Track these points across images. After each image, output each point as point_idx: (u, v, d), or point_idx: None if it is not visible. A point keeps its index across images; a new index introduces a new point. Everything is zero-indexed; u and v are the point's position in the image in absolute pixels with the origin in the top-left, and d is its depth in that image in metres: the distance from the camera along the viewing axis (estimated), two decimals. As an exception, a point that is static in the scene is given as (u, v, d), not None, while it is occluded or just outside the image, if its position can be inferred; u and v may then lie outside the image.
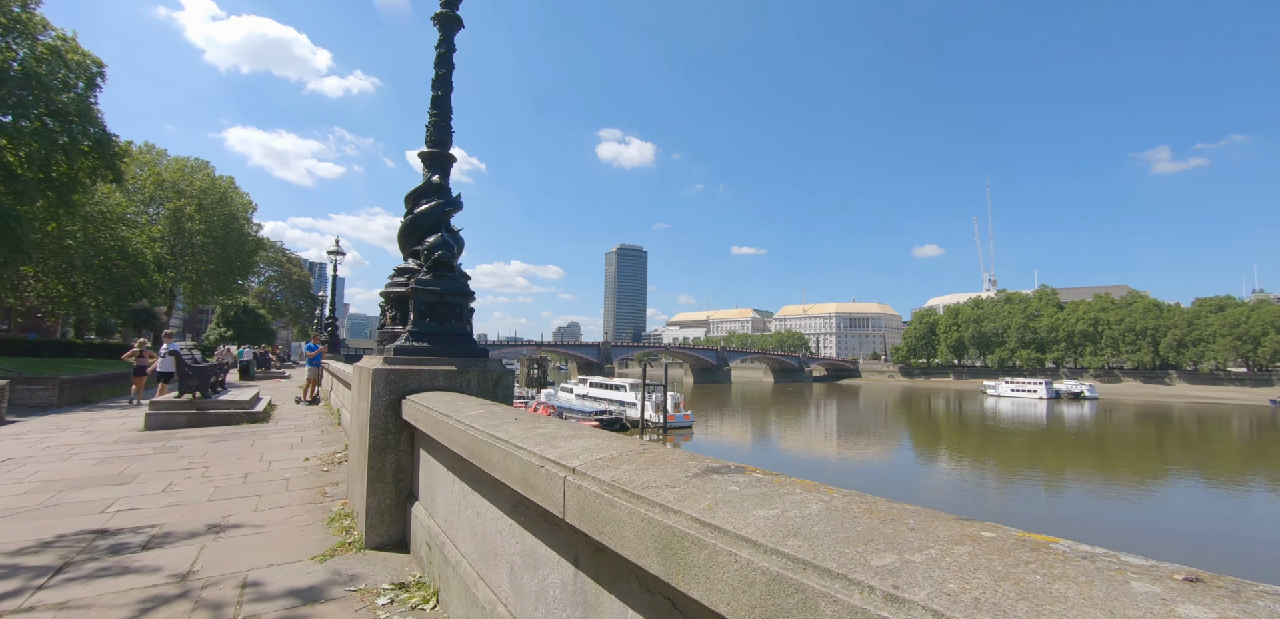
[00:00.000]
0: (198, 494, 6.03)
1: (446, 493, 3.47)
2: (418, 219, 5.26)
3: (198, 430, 10.55)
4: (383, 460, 4.30)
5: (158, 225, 52.66)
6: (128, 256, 41.74)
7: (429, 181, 5.40)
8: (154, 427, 10.87)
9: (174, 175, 55.44)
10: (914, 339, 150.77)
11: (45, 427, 11.63)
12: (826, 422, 64.34)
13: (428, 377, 4.48)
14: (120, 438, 10.01)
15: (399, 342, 4.70)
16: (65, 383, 16.93)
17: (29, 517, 5.22)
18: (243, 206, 60.28)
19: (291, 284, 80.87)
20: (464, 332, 5.02)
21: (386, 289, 5.26)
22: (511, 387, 4.92)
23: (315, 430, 10.64)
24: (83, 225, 38.44)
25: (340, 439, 9.67)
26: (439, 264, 4.97)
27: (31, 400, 16.01)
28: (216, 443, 9.28)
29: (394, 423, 4.34)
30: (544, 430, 2.33)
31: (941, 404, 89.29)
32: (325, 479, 6.72)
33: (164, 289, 52.63)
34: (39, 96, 26.45)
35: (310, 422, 11.97)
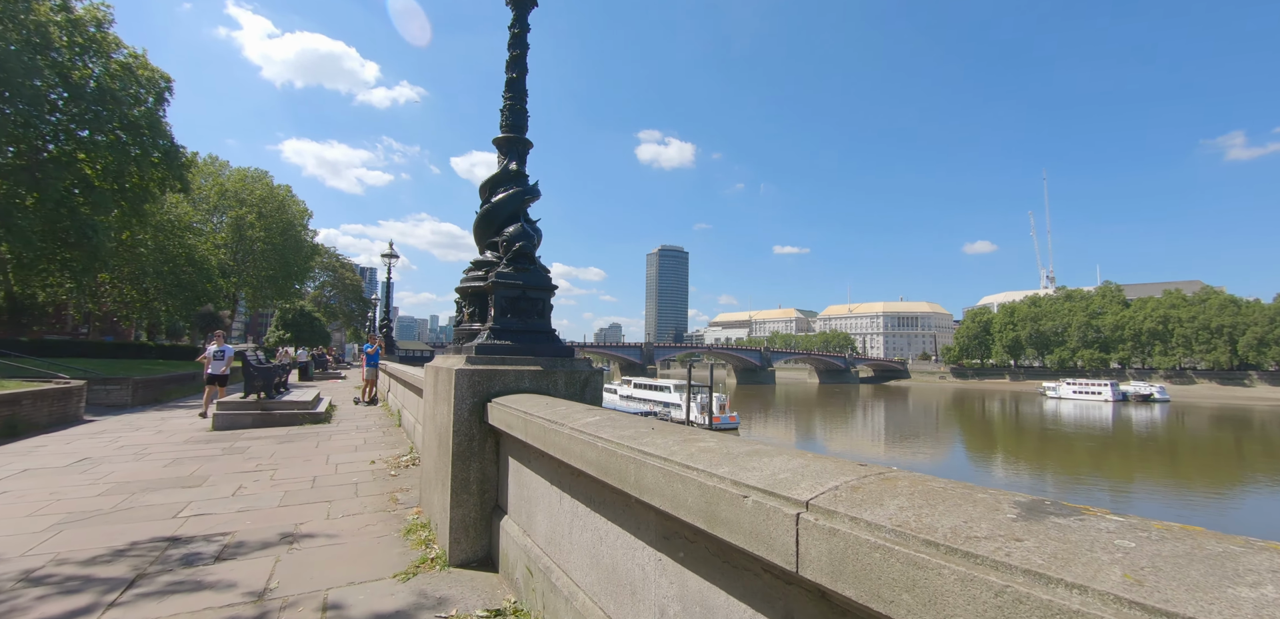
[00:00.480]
0: (268, 499, 5.81)
1: (549, 510, 3.04)
2: (495, 209, 4.88)
3: (264, 431, 10.54)
4: (467, 470, 3.91)
5: (221, 233, 54.92)
6: (194, 263, 43.55)
7: (505, 169, 5.01)
8: (222, 427, 10.93)
9: (236, 185, 57.75)
10: (966, 339, 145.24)
11: (119, 426, 11.87)
12: (874, 424, 62.37)
13: (512, 378, 4.08)
14: (190, 438, 10.07)
15: (480, 340, 4.31)
16: (138, 383, 17.47)
17: (103, 521, 5.06)
18: (299, 214, 62.33)
19: (344, 288, 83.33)
20: (547, 328, 4.61)
21: (464, 283, 4.89)
22: (600, 388, 4.48)
23: (377, 432, 10.50)
24: (153, 234, 40.25)
25: (403, 441, 9.47)
26: (519, 256, 4.57)
27: (107, 400, 16.56)
28: (282, 444, 9.19)
29: (478, 429, 3.95)
30: (705, 444, 1.85)
31: (997, 407, 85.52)
32: (394, 484, 6.44)
33: (227, 293, 54.75)
34: (112, 111, 27.65)
35: (371, 423, 11.88)
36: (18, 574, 3.86)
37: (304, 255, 62.42)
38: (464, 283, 4.89)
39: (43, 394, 11.95)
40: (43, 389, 12.02)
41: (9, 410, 10.75)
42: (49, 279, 30.97)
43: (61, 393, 12.76)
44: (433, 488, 4.53)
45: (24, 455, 8.50)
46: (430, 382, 4.82)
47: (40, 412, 11.86)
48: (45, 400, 12.04)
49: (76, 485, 6.44)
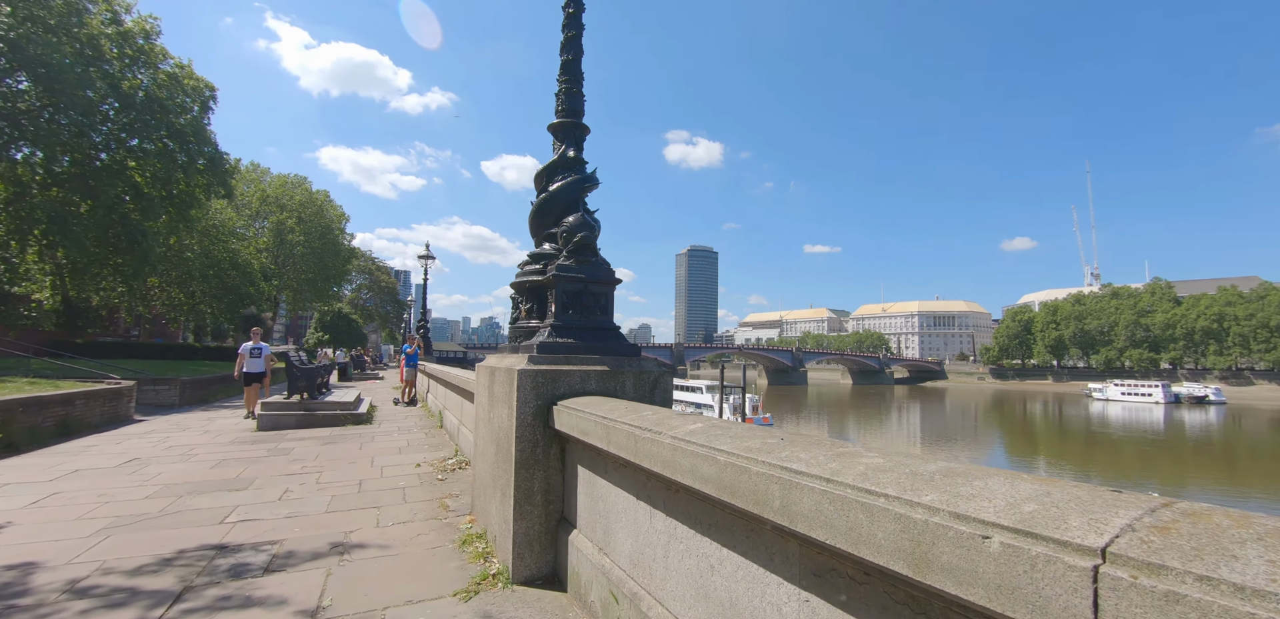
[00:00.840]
0: (315, 504, 5.61)
1: (635, 528, 2.69)
2: (552, 198, 4.57)
3: (307, 432, 10.47)
4: (531, 479, 3.59)
5: (263, 237, 56.37)
6: (238, 267, 44.72)
7: (563, 156, 4.70)
8: (266, 427, 10.91)
9: (276, 191, 59.24)
10: (1006, 338, 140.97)
11: (167, 426, 11.98)
12: (910, 425, 60.76)
13: (578, 379, 3.74)
14: (236, 438, 10.05)
15: (541, 338, 4.00)
16: (185, 384, 17.78)
17: (149, 526, 4.91)
18: (337, 218, 63.64)
19: (380, 290, 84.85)
20: (610, 325, 4.27)
21: (520, 278, 4.59)
22: (671, 391, 4.12)
23: (419, 434, 10.34)
24: (199, 239, 41.42)
25: (447, 443, 9.27)
26: (581, 248, 4.24)
27: (156, 400, 16.88)
28: (326, 445, 9.07)
29: (542, 434, 3.62)
30: (873, 461, 1.47)
31: (1039, 408, 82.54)
32: (442, 489, 6.19)
33: (269, 296, 56.08)
34: (160, 119, 28.40)
35: (412, 424, 11.75)
36: (63, 584, 3.68)
37: (341, 258, 63.70)
38: (520, 277, 4.59)
39: (95, 394, 12.14)
40: (95, 389, 12.20)
41: (63, 410, 10.90)
42: (102, 283, 32.01)
43: (112, 393, 12.96)
44: (489, 496, 4.23)
45: (76, 455, 8.54)
46: (484, 383, 4.53)
47: (92, 411, 12.04)
48: (97, 400, 12.23)
49: (124, 487, 6.36)
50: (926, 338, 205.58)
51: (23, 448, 9.24)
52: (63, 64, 23.09)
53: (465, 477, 6.75)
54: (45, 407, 10.34)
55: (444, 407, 11.07)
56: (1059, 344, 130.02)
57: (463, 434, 8.40)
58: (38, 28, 22.52)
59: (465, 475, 6.80)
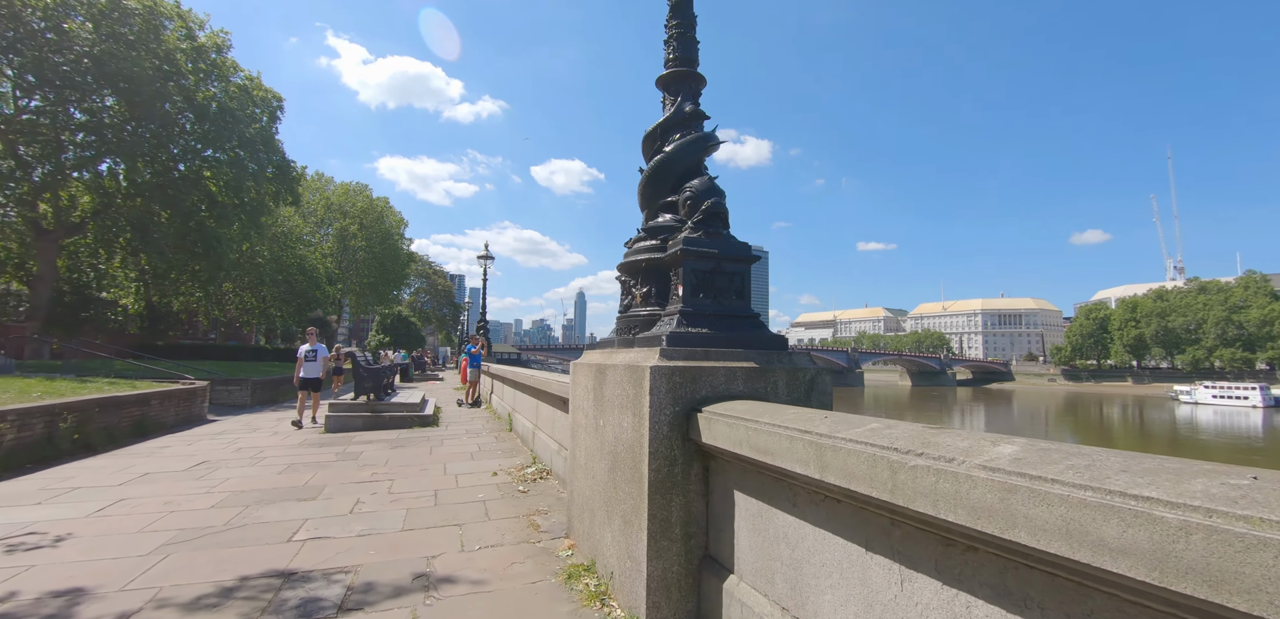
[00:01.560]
0: (390, 519, 5.00)
1: (859, 591, 1.85)
2: (669, 161, 3.77)
3: (374, 434, 10.07)
4: (667, 506, 2.80)
5: (327, 243, 58.23)
6: (305, 272, 46.18)
7: (678, 110, 3.89)
8: (333, 429, 10.59)
9: (339, 198, 61.19)
10: (1080, 337, 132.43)
11: (238, 427, 11.88)
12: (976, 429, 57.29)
13: (722, 378, 2.93)
14: (304, 440, 9.74)
15: (667, 327, 3.21)
16: (256, 384, 17.98)
17: (213, 543, 4.38)
18: (396, 223, 65.21)
19: (437, 293, 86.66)
20: (748, 311, 3.44)
21: (631, 256, 3.80)
22: (830, 393, 3.26)
23: (489, 438, 9.78)
24: (269, 245, 42.94)
25: (519, 448, 8.64)
26: (711, 217, 3.44)
27: (228, 400, 17.09)
28: (395, 449, 8.59)
29: (681, 449, 2.83)
30: None
31: (1117, 412, 76.68)
32: (527, 504, 5.49)
33: (334, 299, 57.87)
34: (231, 129, 29.31)
35: (479, 427, 11.24)
36: (113, 618, 3.13)
37: (401, 263, 65.23)
38: (631, 256, 3.80)
39: (170, 395, 12.15)
40: (170, 390, 12.23)
41: (139, 411, 10.88)
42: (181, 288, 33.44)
43: (187, 393, 13.00)
44: (598, 522, 3.47)
45: (148, 457, 8.32)
46: (587, 384, 3.78)
47: (168, 412, 12.04)
48: (172, 401, 12.24)
49: (191, 494, 5.94)
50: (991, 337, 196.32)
51: (99, 448, 9.13)
52: (143, 77, 23.97)
53: (549, 488, 6.05)
54: (122, 407, 10.29)
55: (514, 409, 10.49)
56: (1139, 343, 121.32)
57: (539, 439, 7.74)
58: (119, 44, 23.43)
59: (549, 487, 6.10)
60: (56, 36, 21.77)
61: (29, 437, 8.06)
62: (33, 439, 8.11)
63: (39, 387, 10.71)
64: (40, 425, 8.29)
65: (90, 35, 22.77)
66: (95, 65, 22.69)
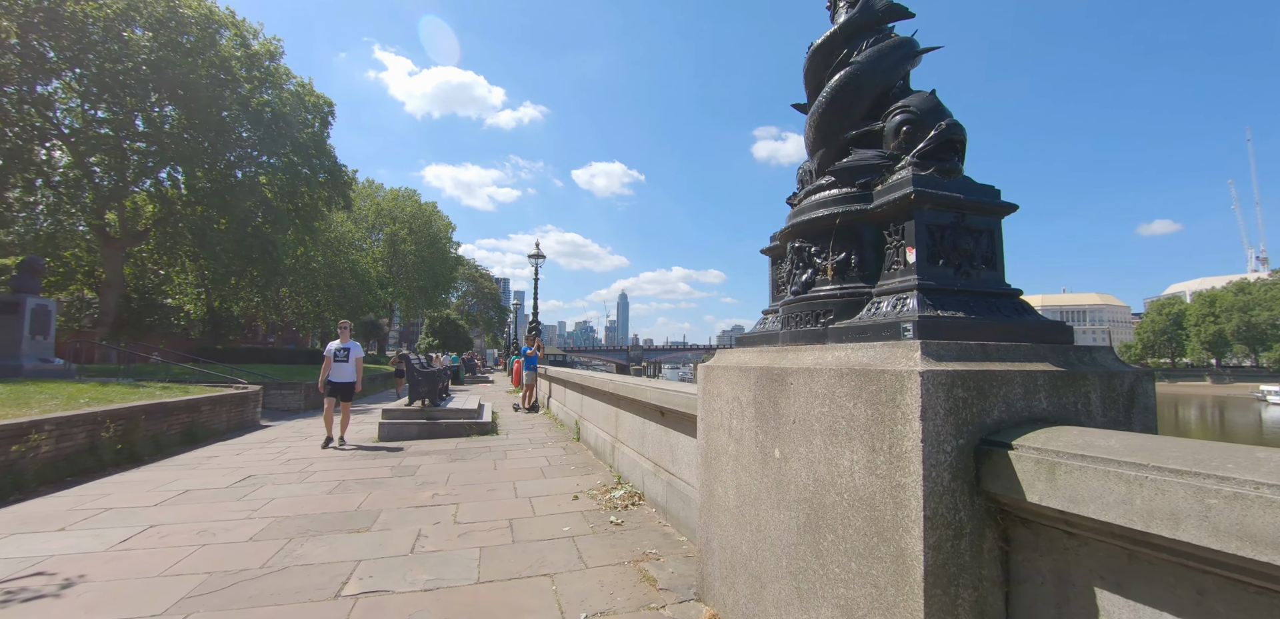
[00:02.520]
0: (460, 562, 3.99)
1: None
2: (860, 75, 2.58)
3: (431, 444, 9.21)
4: (951, 607, 1.64)
5: (378, 248, 59.18)
6: (357, 276, 46.73)
7: (865, 8, 2.71)
8: (387, 436, 9.79)
9: (389, 204, 62.24)
10: (1152, 334, 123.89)
11: (289, 434, 11.26)
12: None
13: (1019, 390, 1.76)
14: (356, 451, 8.96)
15: (905, 310, 2.05)
16: (309, 388, 17.58)
17: (245, 596, 3.44)
18: (444, 227, 65.89)
19: (484, 296, 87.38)
20: (1007, 289, 2.25)
21: (811, 213, 2.60)
22: (1154, 409, 2.04)
23: (556, 448, 8.79)
24: (323, 251, 43.57)
25: (594, 464, 7.60)
26: (946, 148, 2.27)
27: (282, 405, 16.72)
28: (455, 463, 7.67)
29: (969, 512, 1.67)
30: None
31: (1194, 414, 70.70)
32: (627, 543, 4.39)
33: (386, 303, 58.68)
34: (284, 134, 29.49)
35: (542, 435, 10.28)
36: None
37: (449, 266, 65.87)
38: (808, 212, 2.61)
39: (222, 400, 11.64)
40: (221, 395, 11.72)
41: (189, 417, 10.34)
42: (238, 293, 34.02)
43: (239, 398, 12.51)
44: (778, 600, 2.33)
45: (192, 469, 7.64)
46: (740, 396, 2.65)
47: (219, 417, 11.53)
48: (224, 406, 11.73)
49: (230, 521, 5.09)
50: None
51: (145, 458, 8.54)
52: (199, 84, 24.16)
53: (647, 520, 4.95)
54: (170, 414, 9.74)
55: (581, 416, 9.46)
56: (1219, 339, 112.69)
57: (622, 455, 6.67)
58: (177, 52, 23.66)
59: (647, 518, 5.00)
60: (117, 46, 22.05)
61: (70, 447, 7.46)
62: (74, 449, 7.51)
63: (89, 392, 10.29)
64: (82, 434, 7.69)
65: (149, 43, 23.04)
66: (154, 72, 22.93)
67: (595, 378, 8.22)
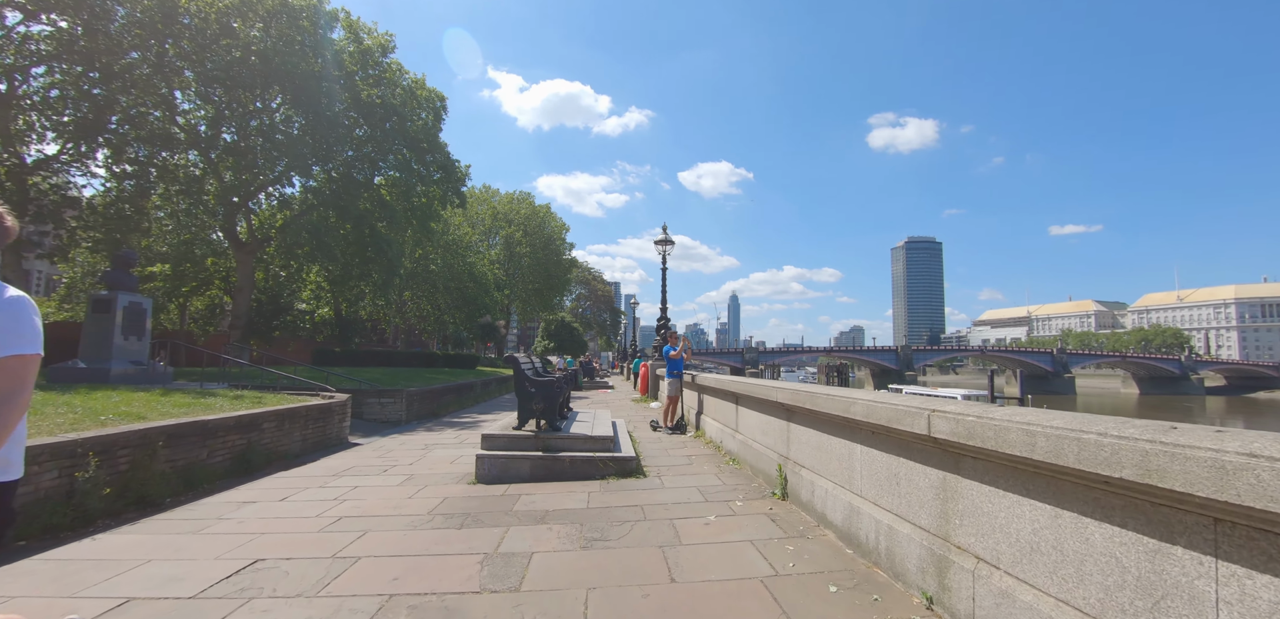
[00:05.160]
0: None
1: None
2: None
3: (550, 495, 5.94)
4: None
5: (494, 250, 59.22)
6: (475, 278, 46.21)
7: None
8: (487, 476, 6.65)
9: (505, 207, 62.34)
10: None
11: (373, 459, 8.55)
12: None
13: None
14: (443, 498, 5.89)
15: None
16: (412, 396, 15.33)
17: None
18: (558, 229, 65.07)
19: (597, 299, 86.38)
20: None
21: None
22: None
23: (756, 509, 5.19)
24: (442, 254, 43.29)
25: (832, 547, 3.90)
26: None
27: (382, 415, 14.52)
28: (591, 551, 4.29)
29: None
30: None
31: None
32: None
33: (502, 306, 58.49)
34: (398, 130, 28.41)
35: (712, 478, 6.72)
36: None
37: (563, 268, 65.04)
38: None
39: (292, 415, 9.17)
40: (291, 408, 9.25)
41: (242, 438, 7.84)
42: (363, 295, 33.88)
43: (320, 411, 10.07)
44: None
45: (185, 533, 4.84)
46: None
47: (290, 437, 9.05)
48: (296, 422, 9.26)
49: None
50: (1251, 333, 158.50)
51: (163, 503, 5.95)
52: (309, 75, 23.27)
53: None
54: (211, 436, 7.21)
55: (788, 456, 5.73)
56: None
57: (904, 549, 2.89)
58: (289, 48, 22.85)
59: None
60: (229, 41, 21.43)
61: (24, 495, 4.89)
62: (31, 497, 4.94)
63: (140, 402, 8.05)
64: (49, 475, 5.13)
65: (260, 35, 22.37)
66: (265, 65, 22.18)
67: (832, 397, 4.48)
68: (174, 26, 19.64)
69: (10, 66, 17.38)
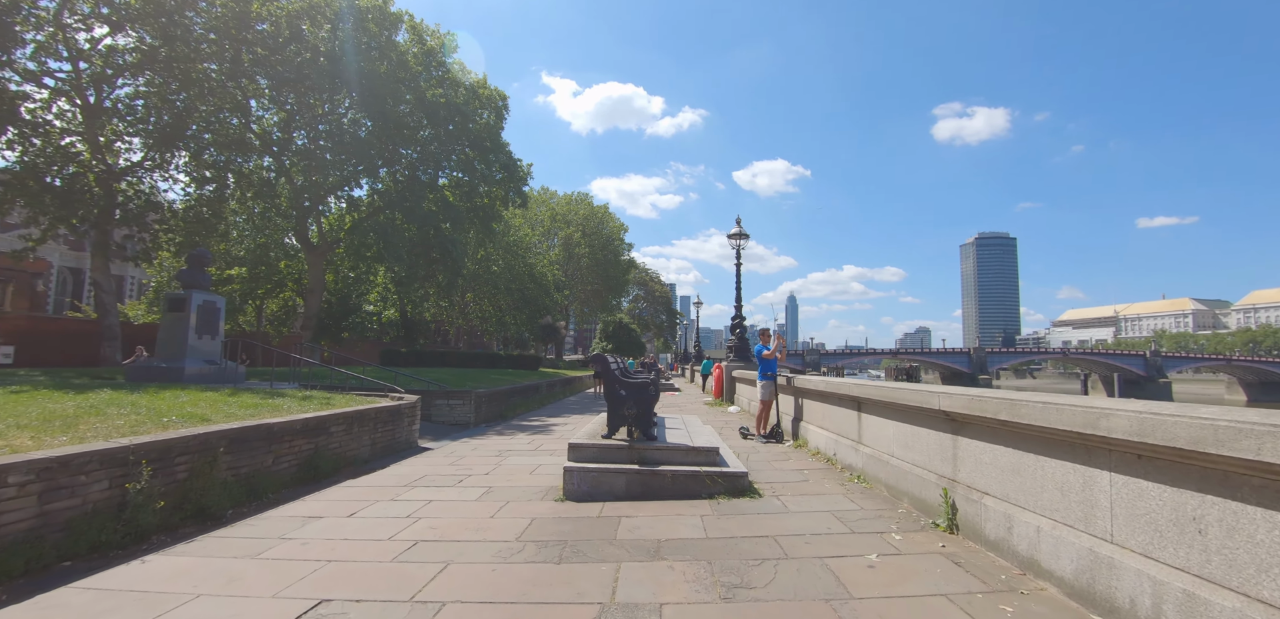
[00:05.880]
0: None
1: None
2: None
3: (650, 513, 5.00)
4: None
5: (553, 251, 59.26)
6: (535, 279, 46.16)
7: None
8: (578, 495, 5.74)
9: (563, 208, 62.37)
10: None
11: (445, 466, 7.84)
12: None
13: None
14: (531, 519, 5.03)
15: None
16: (481, 397, 14.76)
17: None
18: (616, 229, 64.62)
19: (654, 300, 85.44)
20: None
21: None
22: None
23: (927, 551, 4.08)
24: (503, 255, 43.39)
25: (1063, 611, 2.76)
26: None
27: (450, 418, 14.00)
28: (734, 591, 3.32)
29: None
30: None
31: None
32: None
33: (562, 307, 58.46)
34: (461, 129, 28.33)
35: (840, 499, 5.62)
36: None
37: (622, 269, 64.55)
38: None
39: (361, 417, 8.58)
40: (360, 410, 8.67)
41: (309, 443, 7.25)
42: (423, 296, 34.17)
43: (388, 414, 9.49)
44: None
45: (274, 541, 4.27)
46: None
47: (358, 440, 8.47)
48: (365, 425, 8.68)
49: None
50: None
51: (224, 515, 5.34)
52: (375, 75, 23.33)
53: None
54: (276, 441, 6.62)
55: (958, 480, 4.55)
56: None
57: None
58: (355, 49, 22.97)
59: None
60: (298, 46, 21.66)
61: (68, 509, 4.30)
62: (75, 512, 4.35)
63: (183, 406, 7.56)
64: (98, 485, 4.54)
65: (328, 36, 22.57)
66: (333, 66, 22.35)
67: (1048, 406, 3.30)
68: (248, 33, 19.92)
69: (98, 77, 17.92)
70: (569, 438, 9.74)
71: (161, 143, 19.06)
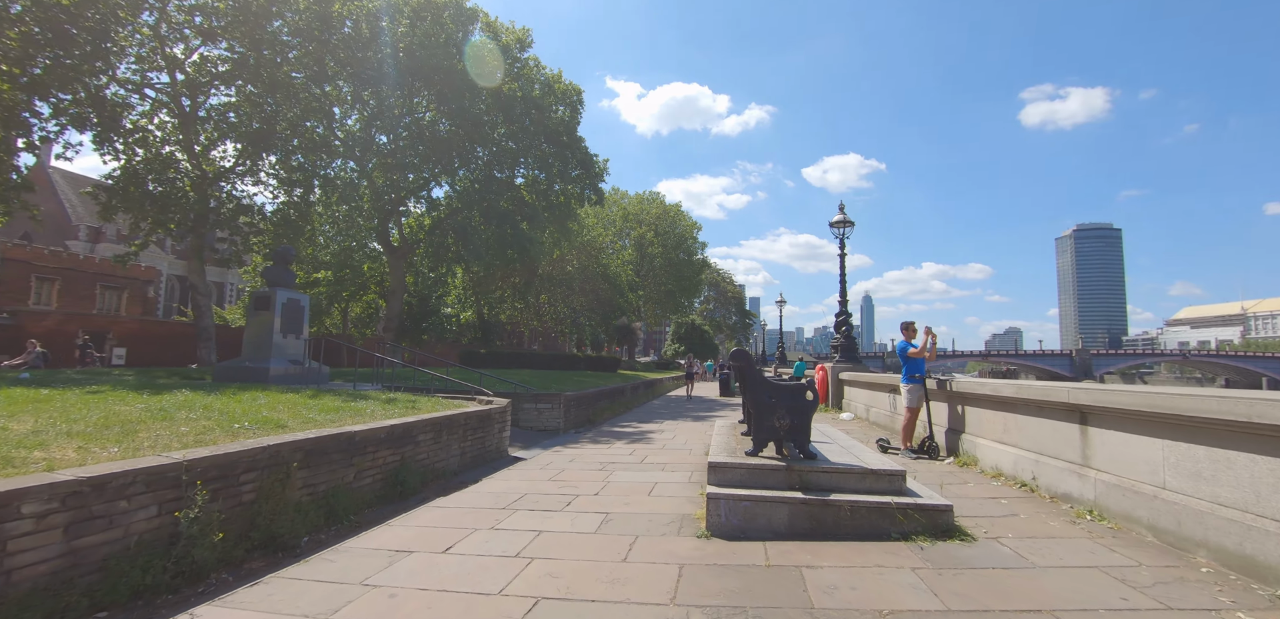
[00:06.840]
0: None
1: None
2: None
3: (836, 560, 3.64)
4: None
5: (626, 251, 58.48)
6: (609, 279, 45.43)
7: None
8: (727, 531, 4.44)
9: (635, 208, 61.47)
10: None
11: (544, 482, 6.73)
12: None
13: None
14: (678, 565, 3.79)
15: None
16: (569, 401, 13.75)
17: None
18: (689, 228, 63.14)
19: (726, 301, 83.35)
20: None
21: None
22: None
23: None
24: (578, 255, 42.89)
25: None
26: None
27: (538, 423, 13.04)
28: None
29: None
30: None
31: None
32: None
33: (635, 307, 57.60)
34: (538, 125, 27.76)
35: (1087, 541, 4.07)
36: None
37: (695, 268, 63.06)
38: None
39: (449, 423, 7.62)
40: (448, 416, 7.69)
41: (394, 454, 6.29)
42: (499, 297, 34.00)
43: (478, 420, 8.52)
44: None
45: (355, 588, 3.20)
46: None
47: (447, 450, 7.51)
48: (453, 432, 7.72)
49: None
50: None
51: (298, 546, 4.38)
52: (452, 71, 23.00)
53: None
54: (358, 452, 5.67)
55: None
56: None
57: None
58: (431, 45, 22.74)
59: None
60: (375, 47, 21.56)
61: (104, 546, 3.39)
62: (120, 548, 3.44)
63: (260, 410, 6.74)
64: (144, 513, 3.62)
65: (407, 31, 22.41)
66: (411, 62, 22.14)
67: None
68: (331, 35, 19.92)
69: (193, 85, 18.30)
70: (675, 447, 8.53)
71: (252, 148, 19.31)
